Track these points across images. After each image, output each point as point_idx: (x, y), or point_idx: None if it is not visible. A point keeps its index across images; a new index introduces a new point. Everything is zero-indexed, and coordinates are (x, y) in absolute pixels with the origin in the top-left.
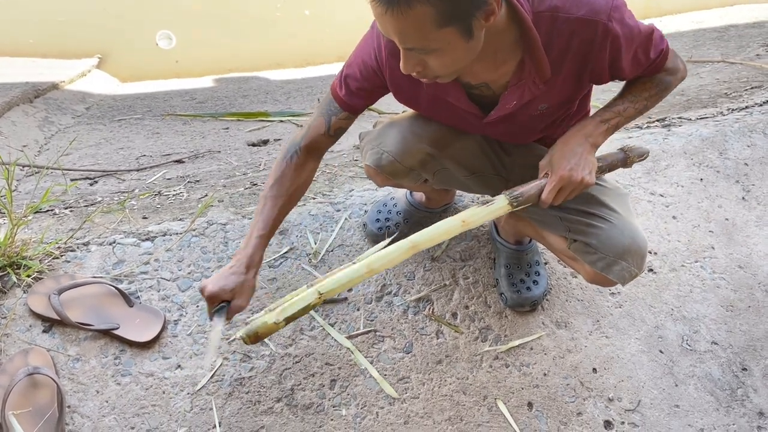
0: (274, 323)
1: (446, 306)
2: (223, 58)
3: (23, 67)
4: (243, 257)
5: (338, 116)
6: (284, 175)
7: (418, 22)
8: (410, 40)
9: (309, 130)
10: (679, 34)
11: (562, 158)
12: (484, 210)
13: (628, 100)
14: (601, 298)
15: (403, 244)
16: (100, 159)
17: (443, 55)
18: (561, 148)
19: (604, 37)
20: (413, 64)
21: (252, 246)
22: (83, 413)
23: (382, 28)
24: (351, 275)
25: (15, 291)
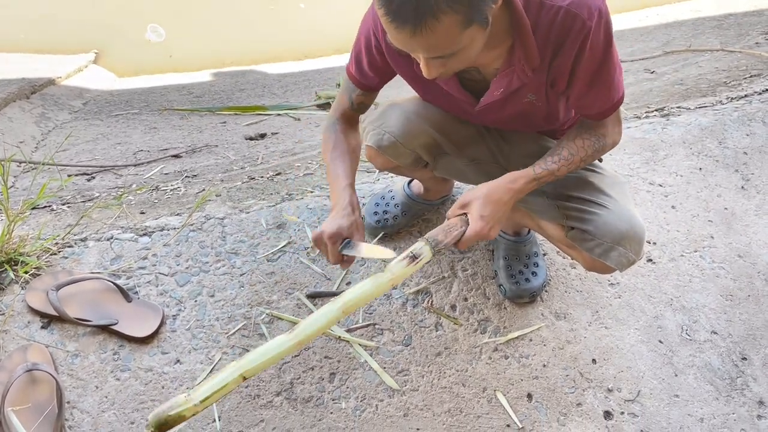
0: (188, 407)
1: (445, 298)
2: (219, 51)
3: (19, 63)
4: (344, 203)
5: (358, 94)
6: (338, 139)
7: (447, 33)
8: (439, 51)
9: (338, 106)
10: (678, 23)
11: (484, 208)
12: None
13: (563, 158)
14: (600, 288)
15: (330, 308)
16: (98, 154)
17: (465, 52)
18: (486, 195)
19: (579, 33)
20: (437, 68)
21: (347, 194)
22: (83, 409)
23: (407, 48)
24: (276, 349)
25: (13, 287)
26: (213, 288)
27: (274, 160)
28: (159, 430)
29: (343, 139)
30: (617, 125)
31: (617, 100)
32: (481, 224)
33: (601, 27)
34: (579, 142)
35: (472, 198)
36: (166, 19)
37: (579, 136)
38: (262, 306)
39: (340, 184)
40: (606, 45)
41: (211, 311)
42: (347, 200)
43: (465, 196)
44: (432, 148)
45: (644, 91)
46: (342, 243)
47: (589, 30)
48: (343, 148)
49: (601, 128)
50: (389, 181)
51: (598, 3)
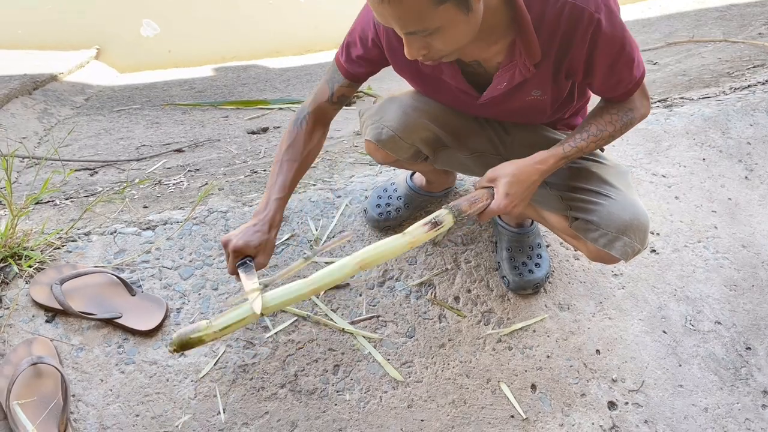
0: (208, 333)
1: (448, 290)
2: (220, 47)
3: (21, 60)
4: (265, 218)
5: (341, 84)
6: (296, 139)
7: (416, 4)
8: (411, 23)
9: (314, 97)
10: (680, 14)
11: (511, 186)
12: (431, 233)
13: (592, 134)
14: (603, 279)
15: (348, 261)
16: (100, 149)
17: (445, 32)
18: (514, 174)
19: (588, 26)
20: (417, 48)
21: (272, 208)
22: (88, 402)
23: (381, 18)
24: (293, 292)
25: (17, 282)
26: (216, 281)
27: (275, 154)
28: (180, 349)
29: (302, 141)
30: (644, 98)
31: (640, 76)
32: (506, 201)
33: (611, 15)
34: (607, 117)
35: (500, 174)
36: (166, 14)
37: (607, 112)
38: None
39: (273, 194)
40: (618, 33)
41: (215, 304)
42: (269, 216)
43: (495, 170)
44: (431, 141)
45: (647, 82)
46: (241, 259)
47: (599, 22)
48: (296, 153)
49: (628, 103)
50: (392, 173)
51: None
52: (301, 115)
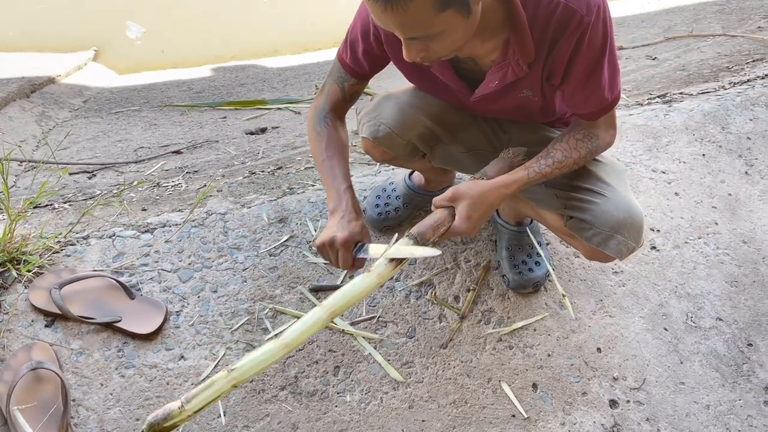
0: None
1: (448, 289)
2: (217, 47)
3: (19, 62)
4: (348, 207)
5: (350, 83)
6: (330, 136)
7: (419, 13)
8: (413, 30)
9: (328, 96)
10: (679, 9)
11: (473, 210)
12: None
13: (557, 161)
14: (604, 277)
15: (319, 314)
16: (99, 152)
17: (445, 36)
18: (477, 198)
19: (576, 29)
20: (416, 51)
21: (348, 197)
22: (88, 406)
23: (382, 23)
24: (266, 357)
25: (16, 286)
26: (216, 283)
27: (275, 154)
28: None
29: (335, 136)
30: (611, 127)
31: (611, 100)
32: (466, 225)
33: (600, 24)
34: (572, 142)
35: (463, 194)
36: (162, 14)
37: (572, 137)
38: (266, 301)
39: (340, 185)
40: (603, 43)
41: (215, 307)
42: (350, 204)
43: (457, 189)
44: (428, 138)
45: (646, 77)
46: (355, 247)
47: (588, 25)
48: (337, 146)
49: (594, 129)
50: (390, 173)
51: (598, 0)
52: (321, 114)
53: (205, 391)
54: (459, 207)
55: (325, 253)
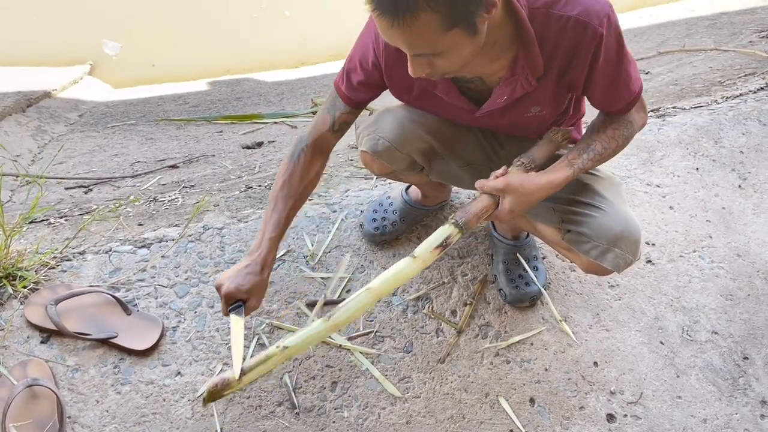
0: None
1: (445, 304)
2: (212, 60)
3: (14, 76)
4: (258, 258)
5: (342, 111)
6: (293, 174)
7: (426, 30)
8: (419, 47)
9: (315, 126)
10: (671, 23)
11: (519, 204)
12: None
13: (597, 153)
14: (600, 291)
15: (363, 295)
16: (95, 166)
17: (451, 54)
18: (527, 193)
19: (592, 41)
20: (422, 67)
21: (265, 248)
22: (84, 423)
23: (389, 39)
24: (314, 333)
25: (11, 302)
26: (213, 299)
27: (271, 168)
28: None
29: (299, 176)
30: (642, 110)
31: (637, 91)
32: (509, 217)
33: (612, 31)
34: (610, 132)
35: (515, 189)
36: (157, 29)
37: (609, 127)
38: (262, 316)
39: (267, 233)
40: (619, 47)
41: (211, 322)
42: (263, 256)
43: (509, 182)
44: (427, 152)
45: None
46: (233, 303)
47: (602, 36)
48: (293, 189)
49: (628, 116)
50: (387, 187)
51: (606, 9)
52: (298, 147)
53: (260, 366)
54: (507, 199)
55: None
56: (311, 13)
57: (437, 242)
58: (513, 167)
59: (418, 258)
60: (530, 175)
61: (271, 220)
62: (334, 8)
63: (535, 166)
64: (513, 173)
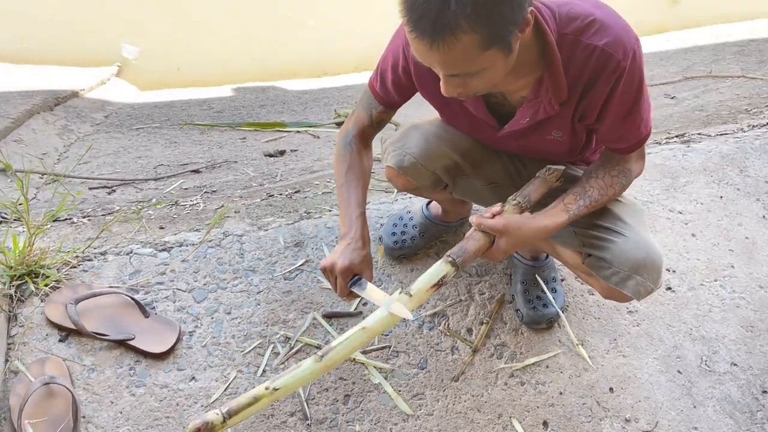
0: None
1: (462, 321)
2: (237, 66)
3: (44, 75)
4: (355, 235)
5: (377, 110)
6: (353, 161)
7: (465, 51)
8: (455, 68)
9: (356, 122)
10: (698, 48)
11: (513, 247)
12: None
13: (594, 200)
14: (618, 316)
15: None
16: (119, 167)
17: (486, 74)
18: (522, 237)
19: (613, 72)
20: (454, 87)
21: (358, 225)
22: (98, 424)
23: (424, 60)
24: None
25: (33, 300)
26: (230, 305)
27: (293, 177)
28: None
29: (358, 161)
30: (641, 159)
31: (645, 135)
32: (501, 257)
33: (635, 68)
34: (608, 179)
35: (512, 232)
36: (185, 33)
37: (607, 173)
38: (278, 325)
39: (352, 212)
40: (639, 84)
41: (228, 328)
42: (359, 233)
43: (508, 224)
44: (452, 169)
45: (664, 116)
46: (351, 279)
47: (624, 70)
48: (357, 171)
49: (627, 163)
50: (407, 201)
51: (633, 44)
52: (347, 138)
53: (248, 408)
54: (502, 240)
55: (327, 276)
56: (335, 24)
57: (433, 281)
58: (508, 205)
59: (415, 297)
60: (527, 218)
61: (351, 201)
62: (358, 20)
63: (530, 206)
64: (509, 212)
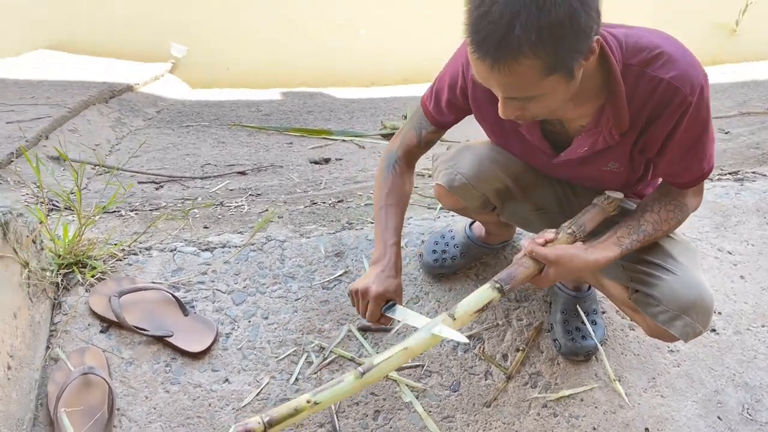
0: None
1: (497, 347)
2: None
3: (102, 67)
4: (389, 263)
5: (428, 130)
6: (394, 183)
7: (526, 76)
8: (515, 91)
9: (403, 141)
10: (755, 83)
11: (561, 278)
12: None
13: (648, 234)
14: (658, 354)
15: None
16: (167, 164)
17: (545, 99)
18: (572, 270)
19: (679, 107)
20: (513, 110)
21: (392, 254)
22: (131, 417)
23: (484, 81)
24: (345, 389)
25: (78, 289)
26: (267, 310)
27: (336, 186)
28: None
29: (399, 184)
30: (699, 194)
31: (707, 171)
32: (547, 285)
33: (702, 103)
34: (663, 214)
35: (564, 261)
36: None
37: (663, 207)
38: (314, 334)
39: (388, 239)
40: (704, 120)
41: (264, 333)
42: (392, 260)
43: (560, 256)
44: (502, 192)
45: (718, 151)
46: (385, 304)
47: (690, 105)
48: (397, 196)
49: (684, 197)
50: (450, 219)
51: (700, 79)
52: (391, 160)
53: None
54: (552, 269)
55: (355, 300)
56: (386, 36)
57: (479, 306)
58: (562, 233)
59: (458, 320)
60: (580, 250)
61: (388, 228)
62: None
63: (584, 236)
64: (562, 241)
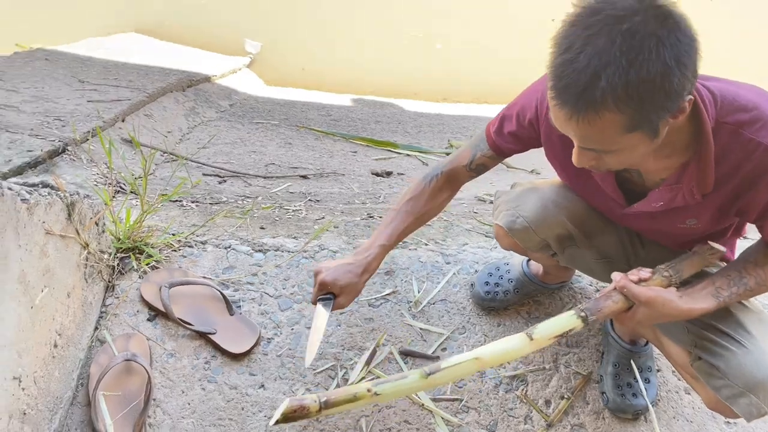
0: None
1: (541, 391)
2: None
3: (184, 56)
4: (362, 260)
5: (484, 153)
6: (422, 194)
7: (606, 130)
8: (592, 143)
9: (454, 158)
10: None
11: (650, 321)
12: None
13: (749, 288)
14: (713, 425)
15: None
16: (233, 158)
17: (623, 154)
18: (664, 314)
19: None
20: (588, 160)
21: (373, 253)
22: (165, 410)
23: (562, 128)
24: (408, 386)
25: (131, 275)
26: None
27: (395, 201)
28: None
29: (426, 197)
30: None
31: None
32: (632, 325)
33: None
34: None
35: (657, 304)
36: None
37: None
38: (354, 350)
39: (380, 239)
40: None
41: (305, 343)
42: (367, 261)
43: (654, 300)
44: (563, 238)
45: None
46: (325, 293)
47: None
48: (417, 207)
49: None
50: (507, 252)
51: None
52: (433, 172)
53: (346, 404)
54: (642, 310)
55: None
56: (463, 52)
57: (560, 331)
58: (658, 275)
59: (535, 341)
60: (675, 295)
61: (387, 229)
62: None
63: (678, 282)
64: (655, 282)
